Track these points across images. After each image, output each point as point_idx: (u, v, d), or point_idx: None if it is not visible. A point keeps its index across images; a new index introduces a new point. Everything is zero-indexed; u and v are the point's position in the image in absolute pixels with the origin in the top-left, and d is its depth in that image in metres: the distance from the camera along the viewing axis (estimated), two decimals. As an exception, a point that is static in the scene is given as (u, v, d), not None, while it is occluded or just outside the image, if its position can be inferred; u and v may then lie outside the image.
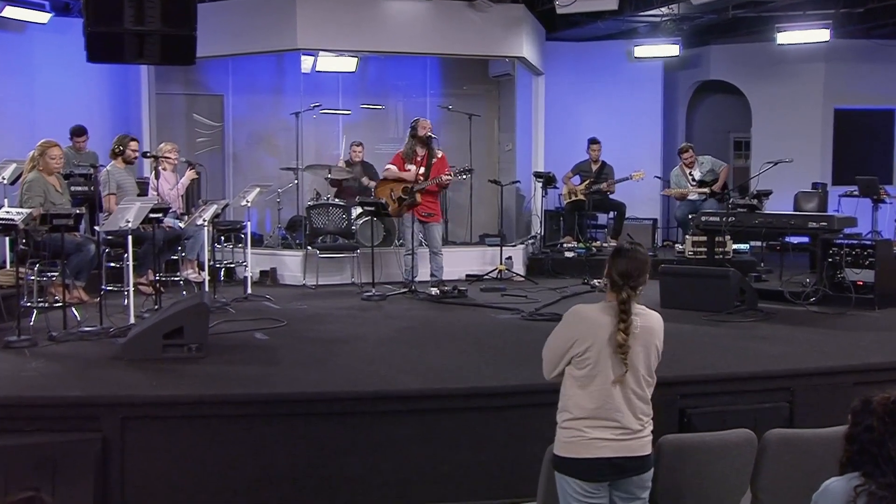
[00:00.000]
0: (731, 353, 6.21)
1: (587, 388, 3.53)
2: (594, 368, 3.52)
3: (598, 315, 3.56)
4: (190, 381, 5.32)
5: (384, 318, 7.98)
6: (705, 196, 11.41)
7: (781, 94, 13.91)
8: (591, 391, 3.52)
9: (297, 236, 10.90)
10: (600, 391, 3.52)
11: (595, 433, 3.50)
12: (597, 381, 3.52)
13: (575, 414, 3.54)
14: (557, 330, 3.66)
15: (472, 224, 12.17)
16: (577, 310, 3.64)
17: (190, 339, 5.90)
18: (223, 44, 10.70)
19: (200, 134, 12.61)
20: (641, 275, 3.59)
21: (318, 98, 11.39)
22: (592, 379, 3.52)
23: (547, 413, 3.79)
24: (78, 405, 4.89)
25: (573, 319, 3.62)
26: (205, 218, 8.24)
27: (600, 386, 3.52)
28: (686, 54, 13.83)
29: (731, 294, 7.97)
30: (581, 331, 3.56)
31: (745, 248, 11.37)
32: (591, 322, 3.55)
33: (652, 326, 3.62)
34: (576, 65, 13.82)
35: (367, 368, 5.74)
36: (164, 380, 5.31)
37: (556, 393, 3.69)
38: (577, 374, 3.55)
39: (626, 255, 3.63)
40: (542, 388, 5.03)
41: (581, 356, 3.54)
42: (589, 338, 3.52)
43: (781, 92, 13.90)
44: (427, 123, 9.58)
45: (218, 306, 8.02)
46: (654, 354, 3.62)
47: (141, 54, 5.84)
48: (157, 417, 4.93)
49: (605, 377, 3.51)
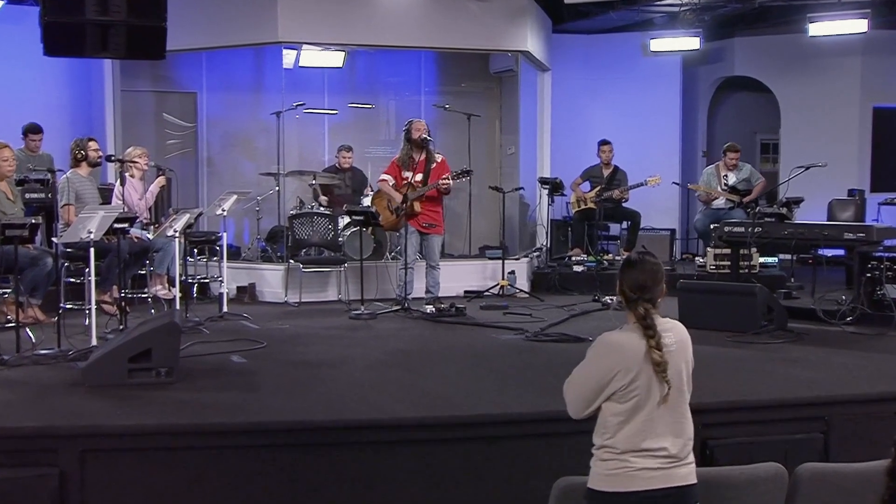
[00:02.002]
0: (757, 377, 6.19)
1: (633, 420, 3.52)
2: (643, 398, 3.51)
3: (630, 340, 3.54)
4: (158, 409, 5.29)
5: (374, 338, 7.95)
6: (732, 205, 11.41)
7: (813, 92, 13.94)
8: (637, 421, 3.52)
9: (279, 249, 10.89)
10: (647, 419, 3.52)
11: (642, 462, 3.50)
12: (645, 410, 3.51)
13: (622, 447, 3.52)
14: (588, 364, 3.62)
15: (472, 235, 12.17)
16: (609, 339, 3.60)
17: (159, 362, 5.86)
18: (196, 36, 10.70)
19: (171, 135, 12.61)
20: (657, 285, 3.60)
21: (301, 96, 11.39)
22: (640, 409, 3.51)
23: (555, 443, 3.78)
24: (32, 437, 4.85)
25: (608, 349, 3.58)
26: (176, 228, 8.22)
27: (648, 415, 3.52)
28: (707, 48, 13.86)
29: (757, 313, 7.95)
30: (621, 361, 3.52)
31: (774, 261, 11.37)
32: (628, 349, 3.53)
33: (683, 339, 3.64)
34: (585, 60, 13.86)
35: (356, 395, 5.71)
36: (130, 408, 5.28)
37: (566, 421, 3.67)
38: (620, 409, 3.53)
39: (636, 265, 3.64)
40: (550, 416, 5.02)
41: (626, 388, 3.51)
42: (633, 367, 3.50)
43: (813, 89, 13.94)
44: (422, 125, 9.58)
45: (190, 326, 7.98)
46: (688, 368, 3.65)
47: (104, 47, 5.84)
48: (122, 450, 4.89)
49: (653, 403, 3.52)
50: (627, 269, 3.65)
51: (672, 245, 13.06)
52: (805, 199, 11.44)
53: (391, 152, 9.71)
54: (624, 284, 3.62)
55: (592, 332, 7.87)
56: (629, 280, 3.60)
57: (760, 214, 9.45)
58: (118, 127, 11.45)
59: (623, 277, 3.64)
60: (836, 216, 11.82)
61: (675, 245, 13.26)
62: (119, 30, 5.78)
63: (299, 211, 10.70)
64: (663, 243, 12.87)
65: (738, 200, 11.42)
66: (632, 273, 3.62)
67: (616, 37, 13.97)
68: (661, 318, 3.59)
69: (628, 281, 3.60)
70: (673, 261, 12.54)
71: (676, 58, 13.87)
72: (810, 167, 9.19)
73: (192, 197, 12.23)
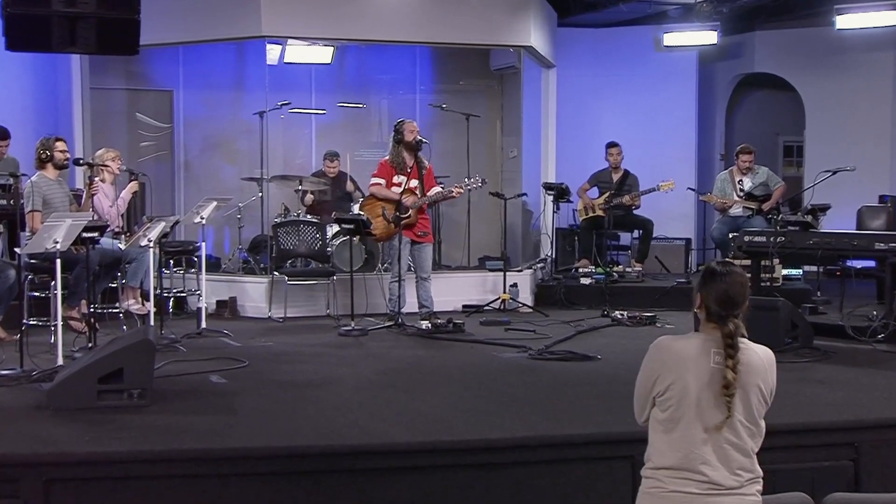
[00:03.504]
0: (781, 400, 6.14)
1: (671, 434, 3.59)
2: (677, 410, 3.57)
3: (685, 347, 3.62)
4: (130, 434, 5.27)
5: (365, 357, 7.95)
6: (751, 212, 11.41)
7: (841, 90, 13.97)
8: (675, 437, 3.58)
9: (262, 260, 10.88)
10: (684, 437, 3.56)
11: (676, 485, 3.54)
12: (681, 426, 3.57)
13: (657, 462, 3.62)
14: (643, 365, 3.76)
15: (471, 245, 12.18)
16: (661, 342, 3.71)
17: (131, 383, 5.84)
18: (172, 29, 10.71)
19: (145, 137, 12.61)
20: (745, 300, 3.65)
21: (286, 95, 11.40)
22: (676, 423, 3.57)
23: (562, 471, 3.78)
24: (-7, 465, 4.84)
25: (655, 352, 3.70)
26: (150, 238, 8.20)
27: (684, 432, 3.56)
28: (726, 42, 13.90)
29: (780, 329, 7.94)
30: (662, 365, 3.64)
31: (798, 273, 11.37)
32: (675, 355, 3.62)
33: (753, 363, 3.65)
34: (593, 55, 13.88)
35: (345, 418, 5.70)
36: (99, 433, 5.26)
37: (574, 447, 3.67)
38: (661, 418, 3.63)
39: (722, 277, 3.66)
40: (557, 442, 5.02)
41: (662, 395, 3.61)
42: (671, 374, 3.58)
43: (841, 86, 13.96)
44: (414, 126, 9.57)
45: (165, 344, 7.97)
46: (758, 397, 3.65)
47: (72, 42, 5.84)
48: (90, 479, 4.86)
49: (690, 421, 3.55)
50: (711, 282, 3.67)
51: (687, 256, 13.05)
52: (832, 207, 11.40)
53: (384, 155, 9.67)
54: (708, 299, 3.65)
55: (601, 350, 7.89)
56: (715, 293, 3.63)
57: (783, 222, 9.43)
58: (87, 128, 11.43)
59: (707, 291, 3.67)
60: (866, 224, 11.79)
61: (691, 256, 13.25)
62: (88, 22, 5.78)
63: (284, 219, 10.69)
64: (677, 254, 12.88)
65: (756, 207, 11.42)
66: (717, 286, 3.64)
67: (627, 30, 13.99)
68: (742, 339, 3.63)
69: (714, 294, 3.63)
70: (688, 273, 12.53)
71: (692, 53, 13.89)
72: (838, 171, 9.19)
73: (168, 204, 12.22)
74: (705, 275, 3.73)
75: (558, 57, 13.08)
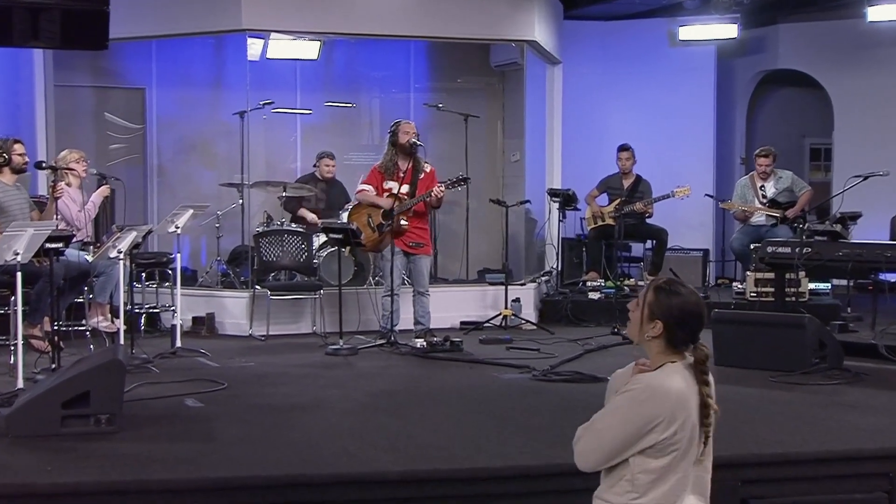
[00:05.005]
0: (808, 426, 6.17)
1: (668, 478, 3.51)
2: (681, 455, 3.50)
3: (677, 385, 3.52)
4: (97, 463, 5.26)
5: (355, 378, 7.95)
6: (775, 221, 11.41)
7: (873, 87, 13.99)
8: (671, 481, 3.51)
9: (242, 272, 10.88)
10: (682, 477, 3.52)
11: None
12: (681, 467, 3.52)
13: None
14: (624, 410, 3.55)
15: (469, 256, 12.18)
16: (653, 382, 3.54)
17: (98, 408, 5.83)
18: (145, 22, 10.74)
19: (114, 139, 12.61)
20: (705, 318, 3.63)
21: (269, 94, 11.43)
22: (675, 466, 3.51)
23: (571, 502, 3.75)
24: (-53, 496, 4.83)
25: (652, 395, 3.52)
26: (120, 249, 8.20)
27: (683, 472, 3.52)
28: (747, 36, 13.94)
29: (807, 348, 7.94)
30: (666, 409, 3.48)
31: (826, 288, 11.37)
32: (675, 396, 3.50)
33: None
34: (603, 50, 13.90)
35: (333, 445, 5.70)
36: (63, 463, 5.24)
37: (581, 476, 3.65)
38: (654, 465, 3.50)
39: (683, 294, 3.60)
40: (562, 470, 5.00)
41: (667, 441, 3.48)
42: (678, 417, 3.48)
43: (873, 84, 13.98)
44: (410, 127, 9.58)
45: (137, 364, 7.96)
46: None
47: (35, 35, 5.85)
48: (54, 512, 4.87)
49: (689, 460, 3.53)
50: (667, 300, 3.59)
51: (705, 268, 13.04)
52: (863, 215, 11.41)
53: (375, 159, 9.72)
54: (671, 321, 3.57)
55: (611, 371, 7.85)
56: (679, 312, 3.57)
57: (810, 232, 9.43)
58: (51, 129, 11.42)
59: (667, 312, 3.58)
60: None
61: (709, 268, 13.25)
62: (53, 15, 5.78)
63: (267, 228, 10.68)
64: (695, 266, 12.86)
65: (780, 215, 11.43)
66: (681, 303, 3.58)
67: (639, 23, 14.02)
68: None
69: (678, 313, 3.57)
70: (706, 287, 12.52)
71: (710, 48, 13.92)
72: (869, 177, 9.20)
73: (140, 212, 12.24)
74: (660, 292, 3.62)
75: (564, 52, 13.11)
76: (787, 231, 11.02)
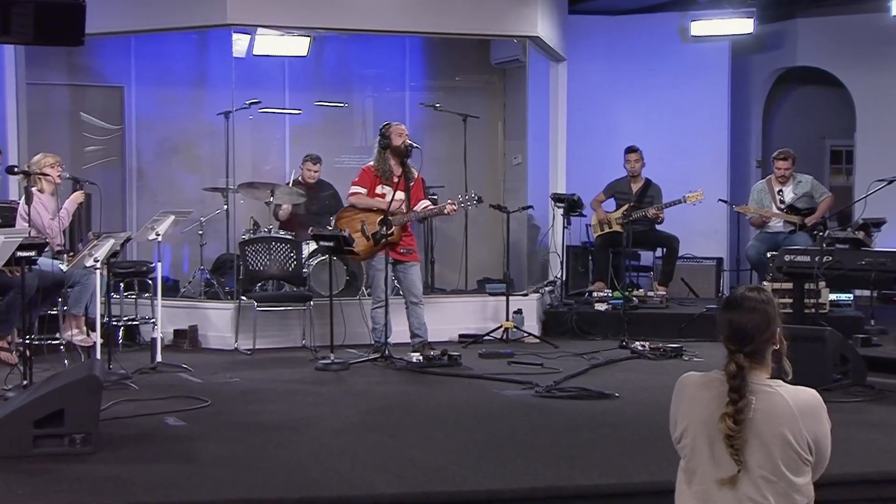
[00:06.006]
0: (829, 444, 6.16)
1: (691, 486, 3.60)
2: (691, 460, 3.59)
3: (701, 388, 3.60)
4: (72, 486, 5.25)
5: (347, 395, 7.95)
6: (793, 228, 11.40)
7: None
8: (695, 490, 3.58)
9: (227, 282, 10.87)
10: (704, 492, 3.55)
11: None
12: (697, 478, 3.57)
13: None
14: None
15: (468, 265, 12.17)
16: (683, 380, 3.74)
17: (73, 427, 5.82)
18: (124, 16, 10.75)
19: (90, 140, 12.60)
20: (760, 333, 3.57)
21: (255, 93, 11.45)
22: (693, 474, 3.59)
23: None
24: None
25: (675, 391, 3.74)
26: (97, 257, 8.20)
27: (700, 485, 3.56)
28: (763, 31, 13.96)
29: (827, 363, 7.94)
30: (678, 407, 3.67)
31: (848, 299, 11.37)
32: (689, 397, 3.64)
33: (776, 409, 3.56)
34: (610, 47, 13.92)
35: (323, 466, 5.70)
36: (35, 486, 5.24)
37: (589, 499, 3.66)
38: (682, 465, 3.66)
39: (734, 306, 3.61)
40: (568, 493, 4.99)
41: (679, 442, 3.64)
42: (685, 418, 3.59)
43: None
44: (402, 129, 9.57)
45: (114, 380, 7.96)
46: (784, 449, 3.52)
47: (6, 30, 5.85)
48: (25, 538, 4.86)
49: (705, 473, 3.55)
50: (723, 313, 3.63)
51: (719, 278, 13.06)
52: (887, 221, 11.43)
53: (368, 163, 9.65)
54: (719, 331, 3.62)
55: (619, 387, 7.89)
56: (722, 326, 3.60)
57: (830, 239, 9.43)
58: (23, 130, 11.42)
59: (718, 322, 3.63)
60: (927, 242, 11.85)
61: (723, 278, 13.27)
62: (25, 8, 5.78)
63: (253, 235, 10.69)
64: (707, 275, 12.88)
65: (799, 222, 11.41)
66: (726, 316, 3.60)
67: (648, 18, 14.04)
68: (764, 380, 3.58)
69: (721, 327, 3.60)
70: (720, 298, 12.52)
71: (724, 44, 13.94)
72: (894, 181, 9.20)
73: (118, 218, 12.23)
74: (723, 304, 3.70)
75: (569, 49, 13.12)
76: (807, 238, 11.00)
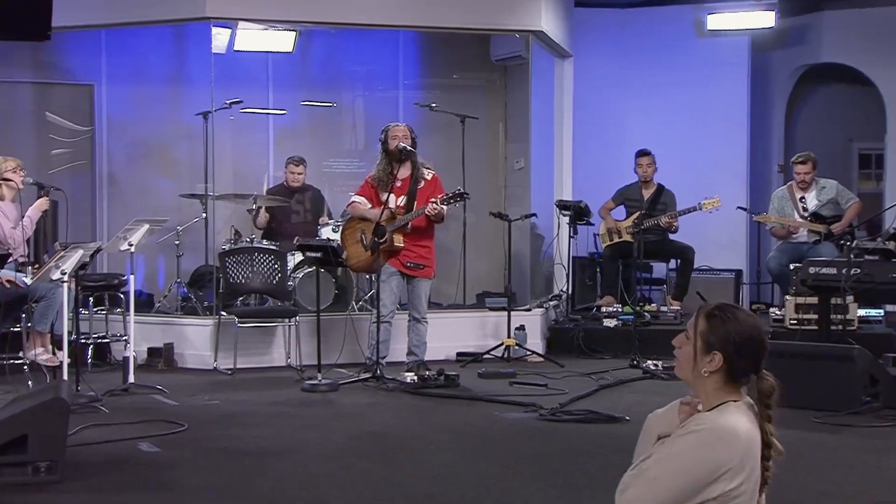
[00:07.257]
0: (857, 474, 6.18)
1: None
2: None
3: (745, 427, 3.45)
4: (37, 516, 5.26)
5: (336, 418, 7.96)
6: (817, 237, 11.41)
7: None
8: None
9: (206, 296, 10.87)
10: None
11: None
12: None
13: None
14: (686, 456, 3.45)
15: (466, 278, 12.18)
16: (721, 423, 3.47)
17: (37, 454, 5.83)
18: (94, 9, 10.79)
19: (57, 142, 12.60)
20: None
21: (237, 92, 11.46)
22: None
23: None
24: None
25: (719, 438, 3.45)
26: (64, 270, 8.20)
27: None
28: (785, 25, 13.98)
29: (856, 384, 7.95)
30: (735, 456, 3.42)
31: (878, 314, 11.38)
32: (744, 440, 3.44)
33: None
34: (619, 42, 13.93)
35: (309, 495, 5.71)
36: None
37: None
38: None
39: (732, 316, 3.51)
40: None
41: (735, 493, 3.41)
42: (747, 464, 3.42)
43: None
44: (400, 131, 9.55)
45: (83, 403, 7.97)
46: None
47: (-33, 24, 5.85)
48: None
49: None
50: (729, 324, 3.50)
51: (738, 292, 13.05)
52: (920, 231, 11.49)
53: (359, 166, 9.71)
54: (729, 349, 3.49)
55: (630, 409, 7.87)
56: (739, 338, 3.50)
57: (858, 250, 9.45)
58: (-16, 131, 11.46)
59: (725, 336, 3.49)
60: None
61: (742, 291, 13.27)
62: (-13, 0, 5.79)
63: (234, 245, 10.69)
64: (725, 289, 12.85)
65: (824, 231, 11.41)
66: (739, 328, 3.50)
67: (661, 11, 14.06)
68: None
69: (738, 339, 3.49)
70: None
71: (743, 39, 13.96)
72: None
73: (87, 226, 12.24)
74: (711, 322, 3.52)
75: (575, 44, 13.16)
76: (833, 249, 10.99)
